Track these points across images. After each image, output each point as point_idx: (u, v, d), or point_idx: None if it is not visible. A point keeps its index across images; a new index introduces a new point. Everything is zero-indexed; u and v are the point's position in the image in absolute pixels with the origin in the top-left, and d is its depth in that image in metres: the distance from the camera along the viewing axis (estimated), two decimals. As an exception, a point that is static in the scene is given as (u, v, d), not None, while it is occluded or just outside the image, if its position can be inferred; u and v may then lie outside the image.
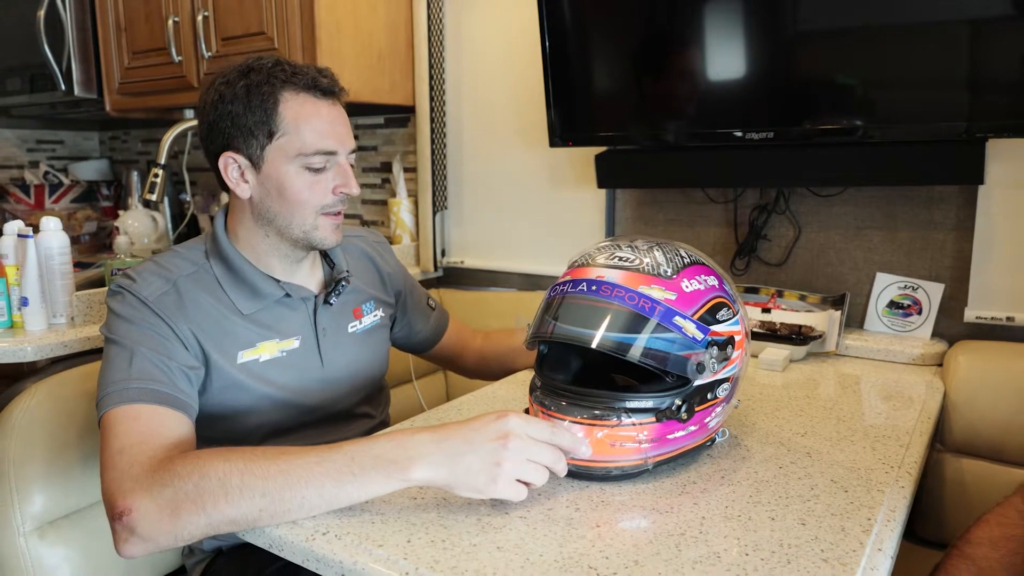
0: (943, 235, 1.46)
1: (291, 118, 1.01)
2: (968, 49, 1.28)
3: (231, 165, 1.04)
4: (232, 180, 1.05)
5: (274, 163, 1.03)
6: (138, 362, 0.94)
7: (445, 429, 0.81)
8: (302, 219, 1.05)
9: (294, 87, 1.02)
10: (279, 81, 1.01)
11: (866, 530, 0.78)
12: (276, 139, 1.02)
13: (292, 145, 1.02)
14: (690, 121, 1.56)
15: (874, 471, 0.93)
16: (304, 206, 1.04)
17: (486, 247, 2.07)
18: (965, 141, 1.30)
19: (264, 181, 1.04)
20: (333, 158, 1.05)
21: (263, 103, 1.01)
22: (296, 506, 0.78)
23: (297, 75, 1.02)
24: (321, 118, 1.03)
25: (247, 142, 1.02)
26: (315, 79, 1.03)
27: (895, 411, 1.16)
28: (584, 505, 0.84)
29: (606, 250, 0.95)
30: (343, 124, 1.06)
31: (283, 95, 1.01)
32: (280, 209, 1.04)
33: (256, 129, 1.02)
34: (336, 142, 1.04)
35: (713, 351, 0.90)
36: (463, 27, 1.99)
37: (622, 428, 0.87)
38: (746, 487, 0.88)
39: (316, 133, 1.02)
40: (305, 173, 1.03)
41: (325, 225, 1.07)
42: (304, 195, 1.04)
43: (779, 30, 1.44)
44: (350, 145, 1.07)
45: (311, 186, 1.04)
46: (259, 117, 1.01)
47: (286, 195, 1.03)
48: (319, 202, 1.05)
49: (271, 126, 1.01)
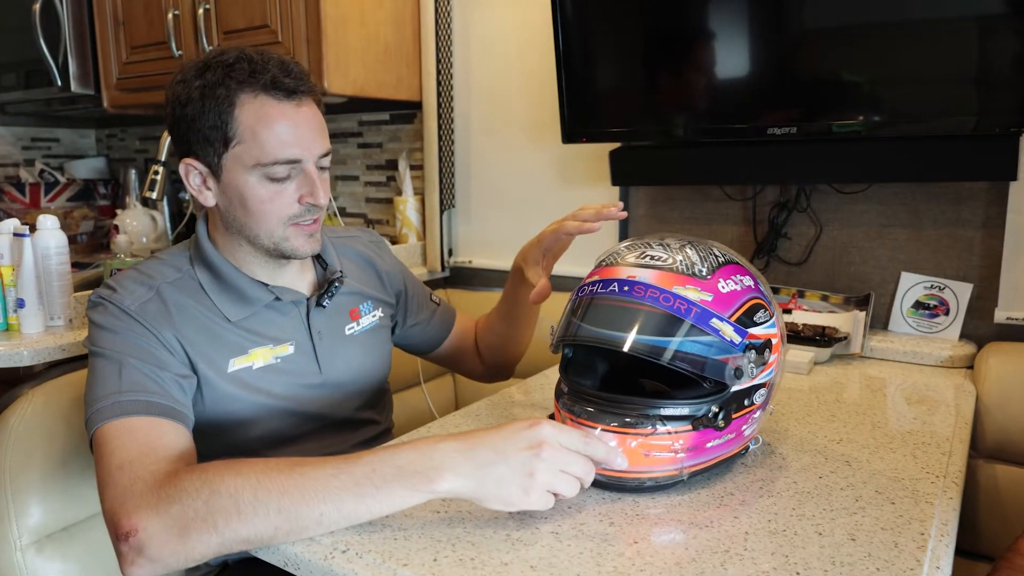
0: (971, 233, 1.41)
1: (247, 124, 0.92)
2: (1001, 42, 1.24)
3: (192, 172, 0.97)
4: (194, 188, 0.98)
5: (232, 172, 0.95)
6: (128, 373, 0.88)
7: (472, 437, 0.75)
8: (269, 230, 0.97)
9: (252, 88, 0.92)
10: (235, 82, 0.92)
11: (921, 546, 0.73)
12: (232, 147, 0.93)
13: (250, 154, 0.93)
14: (709, 116, 1.52)
15: (919, 481, 0.88)
16: (268, 217, 0.96)
17: (495, 246, 2.02)
18: (997, 136, 1.26)
19: (225, 190, 0.96)
20: (298, 166, 0.95)
21: (217, 107, 0.92)
22: (314, 522, 0.73)
23: (256, 74, 0.92)
24: (283, 123, 0.93)
25: (203, 149, 0.94)
26: (276, 79, 0.93)
27: (930, 416, 1.12)
28: (618, 519, 0.79)
29: (636, 248, 0.91)
30: (310, 127, 0.96)
31: (239, 98, 0.92)
32: (245, 220, 0.97)
33: (211, 135, 0.93)
34: (300, 149, 0.95)
35: (751, 355, 0.85)
36: (472, 20, 1.94)
37: (657, 437, 0.82)
38: (787, 499, 0.83)
39: (276, 141, 0.93)
40: (267, 183, 0.94)
41: (295, 235, 0.99)
42: (267, 206, 0.95)
43: (803, 22, 1.39)
44: (319, 150, 0.97)
45: (273, 197, 0.95)
46: (213, 122, 0.92)
47: (248, 206, 0.96)
48: (284, 212, 0.97)
49: (227, 133, 0.92)
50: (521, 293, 1.21)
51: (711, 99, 1.52)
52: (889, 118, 1.33)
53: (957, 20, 1.25)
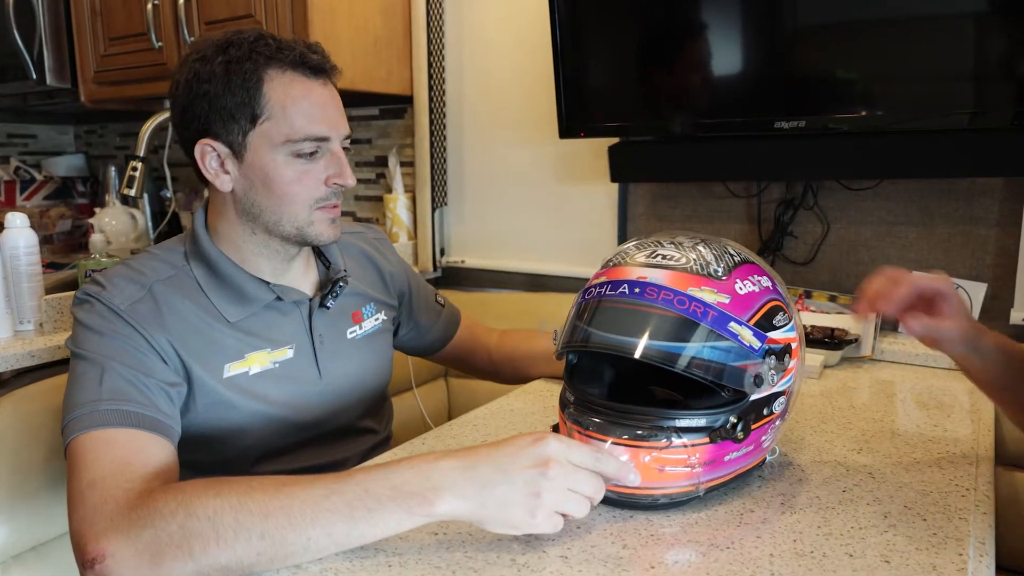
0: (985, 231, 1.37)
1: (277, 100, 0.90)
2: (1016, 31, 1.19)
3: (209, 154, 0.92)
4: (211, 171, 0.93)
5: (258, 151, 0.91)
6: (110, 379, 0.82)
7: (473, 454, 0.69)
8: (293, 214, 0.94)
9: (280, 64, 0.90)
10: (262, 57, 0.90)
11: (961, 569, 0.68)
12: (260, 124, 0.90)
13: (279, 130, 0.90)
14: (712, 110, 1.46)
15: (949, 495, 0.83)
16: (294, 199, 0.93)
17: (488, 246, 1.96)
18: (1013, 130, 1.21)
19: (247, 172, 0.92)
20: (325, 144, 0.93)
21: (245, 83, 0.89)
22: (301, 548, 0.67)
23: (283, 50, 0.91)
24: (311, 100, 0.91)
25: (227, 127, 0.91)
26: (303, 55, 0.91)
27: (950, 423, 1.07)
28: (631, 540, 0.73)
29: (646, 247, 0.85)
30: (336, 106, 0.95)
31: (268, 73, 0.90)
32: (267, 203, 0.93)
33: (237, 112, 0.90)
34: (328, 126, 0.93)
35: (771, 361, 0.79)
36: (465, 11, 1.88)
37: (672, 450, 0.76)
38: (811, 515, 0.78)
39: (306, 116, 0.91)
40: (294, 162, 0.92)
41: (320, 219, 0.95)
42: (294, 187, 0.92)
43: (814, 11, 1.34)
44: (344, 130, 0.96)
45: (301, 177, 0.92)
46: (240, 99, 0.89)
47: (273, 187, 0.92)
48: (311, 195, 0.94)
49: (254, 109, 0.90)
50: None
51: (714, 91, 1.46)
52: (902, 111, 1.28)
53: (975, 12, 1.21)
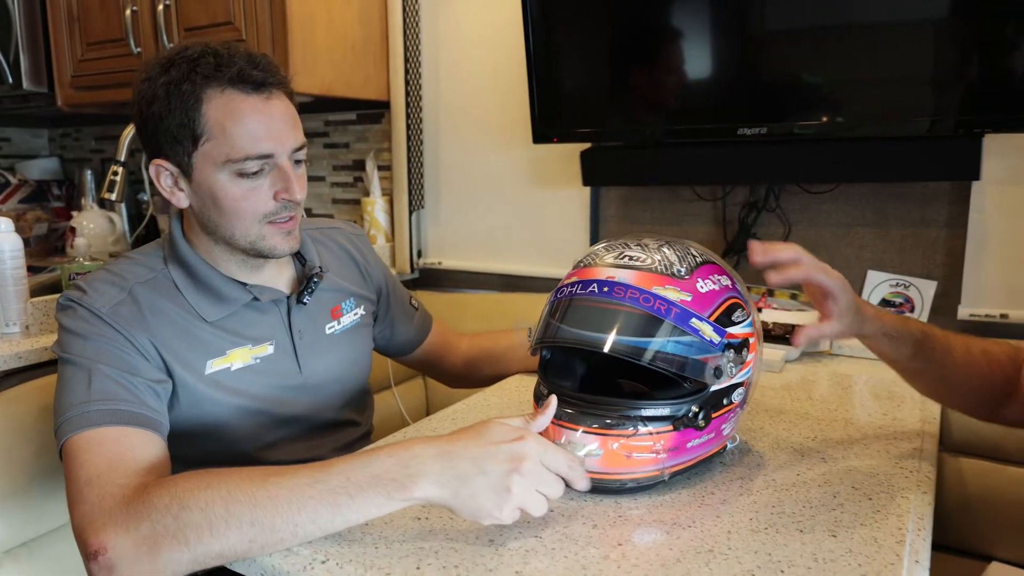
0: (935, 232, 1.45)
1: (216, 120, 0.89)
2: (965, 42, 1.27)
3: (163, 173, 0.94)
4: (166, 189, 0.95)
5: (203, 171, 0.92)
6: (98, 381, 0.85)
7: (452, 444, 0.74)
8: (244, 229, 0.94)
9: (218, 83, 0.89)
10: (201, 77, 0.89)
11: (899, 540, 0.74)
12: (202, 144, 0.90)
13: (219, 151, 0.90)
14: (679, 117, 1.53)
15: (894, 476, 0.89)
16: (243, 216, 0.93)
17: (465, 247, 2.01)
18: (961, 136, 1.29)
19: (197, 190, 0.94)
20: (271, 161, 0.92)
21: (183, 104, 0.89)
22: (289, 534, 0.71)
23: (222, 68, 0.89)
24: (252, 117, 0.90)
25: (173, 148, 0.92)
26: (243, 71, 0.90)
27: (900, 412, 1.14)
28: (601, 522, 0.78)
29: (614, 249, 0.90)
30: (282, 121, 0.93)
31: (206, 93, 0.89)
32: (219, 220, 0.94)
33: (179, 134, 0.90)
34: (272, 143, 0.92)
35: (730, 354, 0.85)
36: (440, 19, 1.92)
37: (638, 438, 0.82)
38: (767, 496, 0.84)
39: (246, 136, 0.90)
40: (239, 180, 0.92)
41: (272, 234, 0.96)
42: (241, 204, 0.93)
43: (771, 22, 1.41)
44: (292, 143, 0.94)
45: (247, 194, 0.92)
46: (180, 120, 0.89)
47: (221, 205, 0.93)
48: (259, 210, 0.94)
49: (195, 130, 0.90)
50: None
51: (680, 99, 1.53)
52: (858, 119, 1.35)
53: (925, 22, 1.28)
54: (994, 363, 0.93)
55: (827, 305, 0.87)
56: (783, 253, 0.86)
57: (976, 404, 0.97)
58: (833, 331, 0.88)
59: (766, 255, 0.85)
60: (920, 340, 0.91)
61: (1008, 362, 0.94)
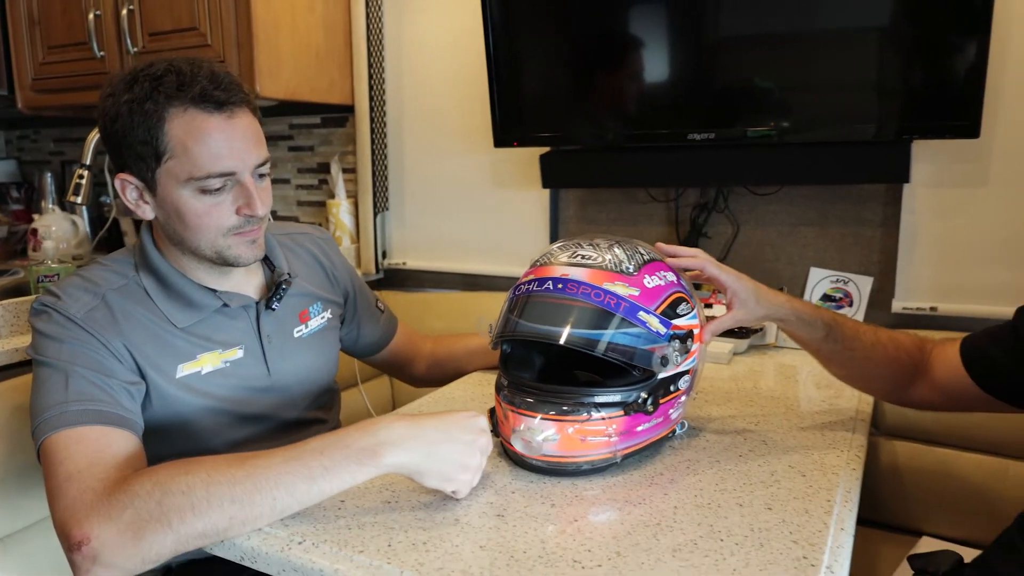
0: (871, 231, 1.54)
1: (178, 139, 0.91)
2: (895, 56, 1.37)
3: (128, 187, 0.97)
4: (131, 202, 0.98)
5: (166, 187, 0.94)
6: (75, 383, 0.88)
7: (418, 419, 0.82)
8: (209, 242, 0.97)
9: (181, 102, 0.91)
10: (163, 96, 0.90)
11: (828, 511, 0.82)
12: (165, 162, 0.93)
13: (182, 168, 0.92)
14: (634, 122, 1.60)
15: (827, 455, 0.97)
16: (207, 230, 0.96)
17: (428, 248, 2.06)
18: (892, 142, 1.38)
19: (162, 204, 0.96)
20: (232, 178, 0.95)
21: (146, 122, 0.91)
22: (268, 509, 0.76)
23: (184, 87, 0.91)
24: (214, 136, 0.92)
25: (137, 164, 0.94)
26: (205, 91, 0.91)
27: (836, 398, 1.22)
28: (559, 501, 0.85)
29: (568, 248, 0.97)
30: (244, 139, 0.95)
31: (169, 112, 0.91)
32: (184, 232, 0.97)
33: (142, 150, 0.92)
34: (234, 161, 0.94)
35: (675, 344, 0.92)
36: (403, 25, 1.97)
37: (592, 423, 0.89)
38: (711, 475, 0.91)
39: (208, 154, 0.92)
40: (202, 196, 0.94)
41: (237, 243, 0.99)
42: (204, 219, 0.95)
43: (720, 33, 1.50)
44: (255, 159, 0.96)
45: (210, 210, 0.95)
46: (143, 138, 0.91)
47: (185, 220, 0.95)
48: (222, 224, 0.96)
49: (158, 148, 0.92)
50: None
51: (635, 106, 1.60)
52: (799, 125, 1.44)
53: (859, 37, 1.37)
54: (900, 348, 1.03)
55: (728, 296, 1.01)
56: (684, 259, 1.00)
57: (886, 387, 1.07)
58: (735, 319, 1.01)
59: (676, 261, 0.99)
60: (831, 325, 1.02)
61: (913, 348, 1.03)
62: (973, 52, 1.27)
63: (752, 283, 1.01)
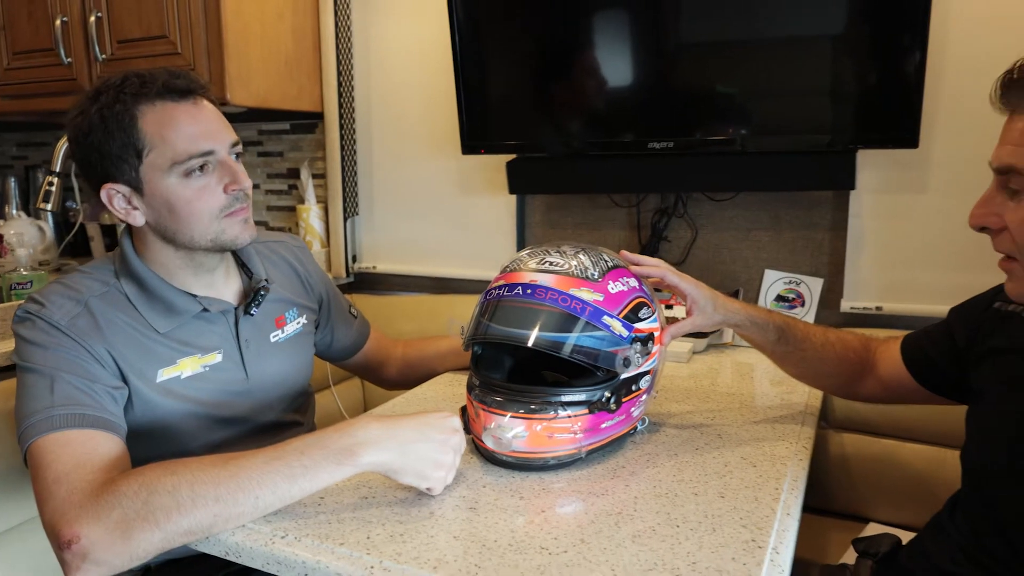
0: (821, 235, 1.63)
1: (154, 130, 0.96)
2: (837, 70, 1.45)
3: (115, 196, 1.00)
4: (121, 211, 1.01)
5: (152, 181, 0.98)
6: (60, 387, 0.91)
7: (394, 419, 0.87)
8: (203, 228, 1.01)
9: (147, 98, 0.97)
10: (130, 96, 0.96)
11: (775, 498, 0.89)
12: (146, 156, 0.97)
13: (164, 157, 0.97)
14: (596, 131, 1.67)
15: (776, 447, 1.04)
16: (200, 216, 1.00)
17: (398, 252, 2.10)
18: (839, 152, 1.47)
19: (151, 202, 1.00)
20: (212, 157, 1.00)
21: (120, 124, 0.96)
22: (251, 507, 0.80)
23: (147, 84, 0.97)
24: (186, 121, 0.98)
25: (120, 168, 0.98)
26: (167, 83, 0.97)
27: (787, 394, 1.30)
28: (527, 493, 0.90)
29: (536, 255, 1.02)
30: (214, 120, 1.01)
31: (139, 109, 0.96)
32: (178, 226, 1.00)
33: (123, 153, 0.97)
34: (210, 140, 0.99)
35: (637, 346, 0.98)
36: (371, 34, 2.01)
37: (559, 421, 0.94)
38: (669, 468, 0.97)
39: (185, 137, 0.97)
40: (188, 181, 0.98)
41: (231, 225, 1.03)
42: (195, 204, 0.99)
43: (675, 46, 1.57)
44: (228, 139, 1.02)
45: (199, 193, 0.99)
46: (121, 140, 0.96)
47: (177, 210, 0.99)
48: (214, 206, 1.01)
49: (136, 145, 0.96)
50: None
51: (598, 115, 1.67)
52: (752, 135, 1.52)
53: (802, 53, 1.46)
54: (848, 347, 1.10)
55: (688, 303, 1.08)
56: (648, 269, 1.07)
57: (835, 383, 1.15)
58: (693, 324, 1.08)
59: (638, 269, 1.05)
60: (783, 327, 1.09)
61: (860, 346, 1.11)
62: (911, 68, 1.35)
63: (710, 291, 1.08)
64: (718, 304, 1.08)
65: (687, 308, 1.09)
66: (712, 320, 1.08)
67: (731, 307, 1.09)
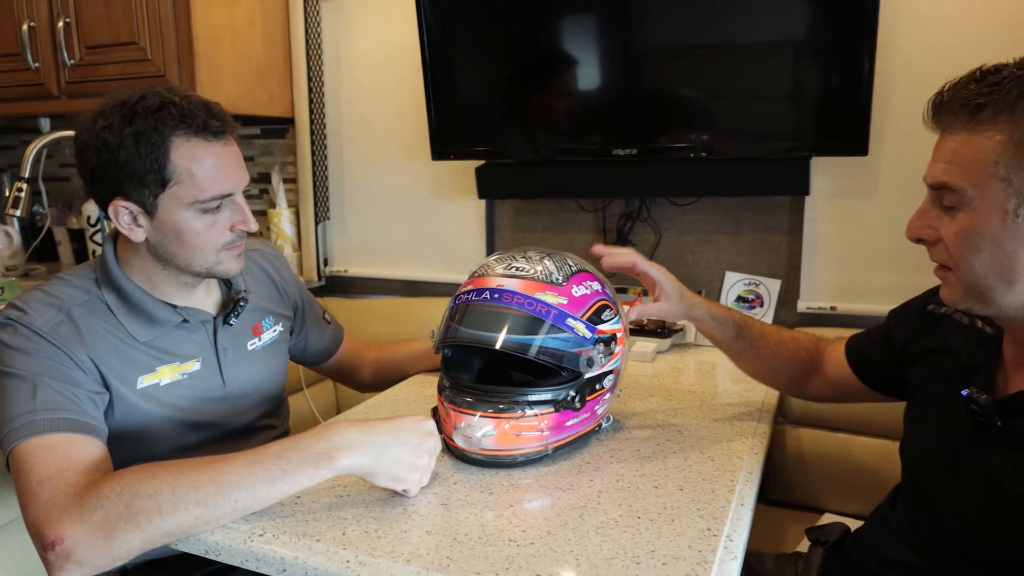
0: (779, 238, 1.69)
1: (184, 166, 0.99)
2: (791, 81, 1.52)
3: (123, 212, 1.02)
4: (124, 227, 1.03)
5: (168, 210, 1.01)
6: (43, 393, 0.93)
7: (370, 423, 0.90)
8: (203, 258, 1.05)
9: (184, 133, 0.99)
10: (167, 128, 0.98)
11: (731, 490, 0.94)
12: (170, 187, 1.00)
13: (187, 192, 1.00)
14: (563, 137, 1.71)
15: (733, 442, 1.10)
16: (204, 247, 1.04)
17: (369, 256, 2.13)
18: (794, 159, 1.53)
19: (159, 226, 1.02)
20: (230, 198, 1.05)
21: (153, 151, 0.98)
22: (230, 510, 0.83)
23: (187, 118, 0.99)
24: (215, 162, 1.01)
25: (138, 190, 1.00)
26: (206, 123, 1.00)
27: (746, 392, 1.35)
28: (496, 489, 0.94)
29: (503, 261, 1.06)
30: (237, 163, 1.06)
31: (173, 142, 0.98)
32: (178, 251, 1.04)
33: (147, 178, 0.99)
34: (232, 183, 1.04)
35: (600, 347, 1.03)
36: (341, 40, 2.03)
37: (526, 419, 0.98)
38: (631, 463, 1.02)
39: (211, 178, 1.01)
40: (202, 216, 1.02)
41: (227, 258, 1.07)
42: (203, 237, 1.03)
43: (638, 54, 1.62)
44: (245, 181, 1.07)
45: (209, 228, 1.03)
46: (149, 166, 0.98)
47: (184, 239, 1.03)
48: (218, 241, 1.05)
49: (163, 175, 0.99)
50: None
51: (564, 123, 1.72)
52: (712, 143, 1.58)
53: (759, 66, 1.52)
54: (800, 346, 1.17)
55: (656, 291, 1.14)
56: (620, 257, 1.13)
57: (786, 381, 1.21)
58: (660, 310, 1.14)
59: (610, 259, 1.12)
60: (740, 324, 1.16)
61: (811, 346, 1.17)
62: (860, 78, 1.42)
63: (677, 281, 1.15)
64: (684, 295, 1.14)
65: (656, 295, 1.15)
66: (677, 308, 1.14)
67: (694, 300, 1.15)
